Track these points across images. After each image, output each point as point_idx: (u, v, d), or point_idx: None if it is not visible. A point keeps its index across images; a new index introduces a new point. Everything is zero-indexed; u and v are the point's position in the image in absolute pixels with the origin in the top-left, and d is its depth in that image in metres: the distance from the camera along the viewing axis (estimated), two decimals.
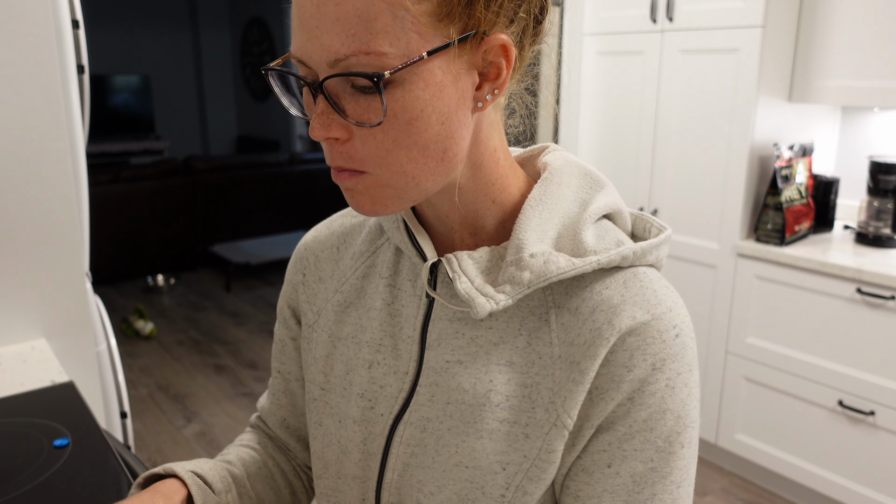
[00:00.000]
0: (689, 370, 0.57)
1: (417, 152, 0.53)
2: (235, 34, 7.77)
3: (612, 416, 0.56)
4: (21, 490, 0.90)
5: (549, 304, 0.60)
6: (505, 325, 0.61)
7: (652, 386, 0.56)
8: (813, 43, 2.33)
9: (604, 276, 0.59)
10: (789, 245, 2.32)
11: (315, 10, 0.50)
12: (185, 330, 4.09)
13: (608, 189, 0.64)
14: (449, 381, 0.62)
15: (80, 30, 1.48)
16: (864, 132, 2.57)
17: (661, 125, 2.57)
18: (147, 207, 4.80)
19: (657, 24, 2.50)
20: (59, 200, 1.38)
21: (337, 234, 0.76)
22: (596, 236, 0.60)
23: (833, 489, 2.24)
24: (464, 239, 0.64)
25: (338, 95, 0.52)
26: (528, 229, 0.59)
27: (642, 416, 0.56)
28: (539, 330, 0.60)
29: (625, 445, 0.56)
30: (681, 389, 0.57)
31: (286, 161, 5.44)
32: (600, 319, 0.57)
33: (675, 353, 0.56)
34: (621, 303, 0.57)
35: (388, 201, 0.56)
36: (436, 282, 0.63)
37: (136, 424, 3.01)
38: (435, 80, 0.52)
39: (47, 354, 1.36)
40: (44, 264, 1.40)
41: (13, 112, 1.31)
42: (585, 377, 0.56)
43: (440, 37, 0.51)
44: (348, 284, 0.72)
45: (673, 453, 0.57)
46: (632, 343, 0.56)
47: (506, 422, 0.59)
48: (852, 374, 2.14)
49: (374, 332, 0.68)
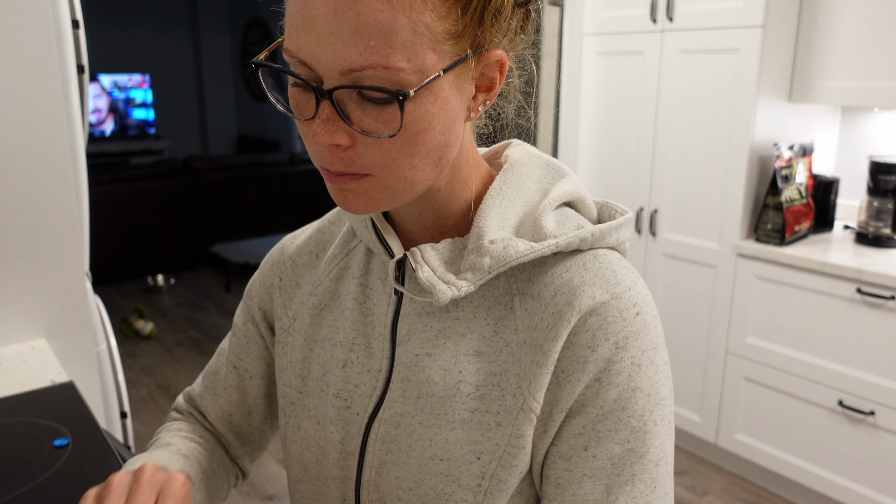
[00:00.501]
0: (653, 347, 0.58)
1: (419, 159, 0.55)
2: (235, 34, 7.77)
3: (581, 398, 0.57)
4: (21, 490, 0.90)
5: (514, 291, 0.61)
6: (471, 316, 0.62)
7: (617, 364, 0.56)
8: (813, 43, 2.33)
9: (564, 259, 0.60)
10: (789, 245, 2.32)
11: (331, 15, 0.49)
12: (185, 330, 4.09)
13: (569, 178, 0.66)
14: (419, 375, 0.62)
15: (80, 30, 1.48)
16: (864, 132, 2.58)
17: (661, 125, 2.57)
18: (147, 207, 4.80)
19: (657, 24, 2.50)
20: (59, 200, 1.38)
21: (315, 241, 0.76)
22: (556, 222, 0.61)
23: (833, 489, 2.24)
24: (433, 236, 0.65)
25: (343, 102, 0.52)
26: (488, 218, 0.60)
27: (612, 396, 0.56)
28: (504, 318, 0.60)
29: (598, 427, 0.57)
30: (647, 367, 0.57)
31: (286, 161, 5.44)
32: (561, 301, 0.58)
33: (637, 330, 0.57)
34: (581, 284, 0.58)
35: (382, 201, 0.57)
36: (404, 278, 0.64)
37: (136, 424, 3.01)
38: (443, 94, 0.53)
39: (47, 354, 1.36)
40: (44, 264, 1.40)
41: (13, 112, 1.31)
42: (548, 359, 0.57)
43: (451, 54, 0.52)
44: (322, 287, 0.72)
45: (648, 432, 0.57)
46: (593, 323, 0.56)
47: (477, 411, 0.60)
48: (852, 374, 2.14)
49: (346, 332, 0.68)
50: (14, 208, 1.34)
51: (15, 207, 1.35)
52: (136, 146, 7.17)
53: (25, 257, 1.37)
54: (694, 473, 2.60)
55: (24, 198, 1.35)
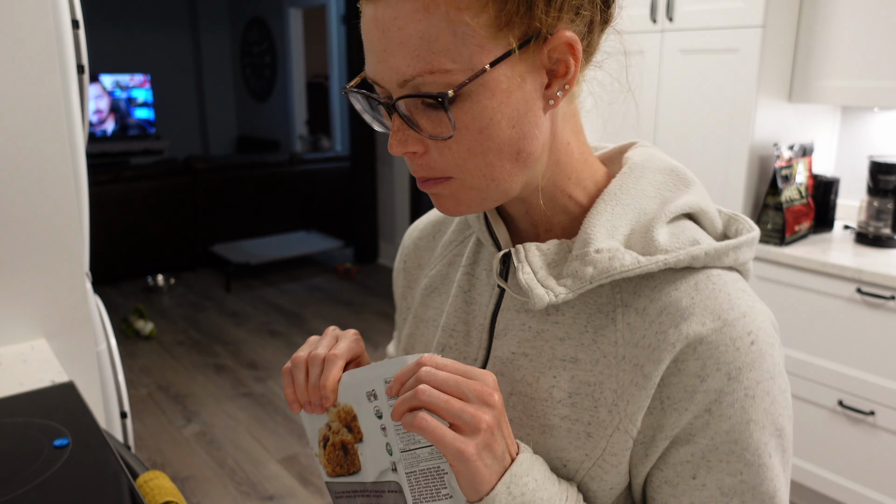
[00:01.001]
0: (769, 378, 0.55)
1: (493, 156, 0.55)
2: (235, 34, 7.77)
3: (689, 427, 0.55)
4: (21, 490, 0.90)
5: (617, 302, 0.59)
6: (571, 321, 0.60)
7: (730, 396, 0.54)
8: (813, 43, 2.33)
9: (675, 276, 0.57)
10: (789, 245, 2.32)
11: (381, 35, 0.52)
12: (185, 330, 4.09)
13: (694, 188, 0.63)
14: (514, 373, 0.62)
15: (80, 30, 1.48)
16: (864, 132, 2.58)
17: (661, 125, 2.57)
18: (147, 207, 4.81)
19: (657, 24, 2.50)
20: (59, 200, 1.38)
21: (433, 223, 0.81)
22: (670, 234, 0.58)
23: (833, 489, 2.24)
24: (542, 235, 0.65)
25: (411, 112, 0.55)
26: (597, 224, 0.58)
27: (724, 428, 0.54)
28: (605, 328, 0.58)
29: (709, 457, 0.55)
30: (762, 398, 0.54)
31: (286, 161, 5.44)
32: (667, 322, 0.55)
33: (751, 361, 0.54)
34: (690, 306, 0.55)
35: (471, 202, 0.58)
36: (508, 273, 0.64)
37: (136, 424, 3.01)
38: (501, 88, 0.53)
39: (47, 354, 1.36)
40: (44, 264, 1.40)
41: (13, 112, 1.31)
42: (649, 382, 0.55)
43: (501, 46, 0.52)
44: (435, 270, 0.76)
45: (763, 465, 0.55)
46: (703, 352, 0.54)
47: (567, 419, 0.59)
48: (852, 374, 2.14)
49: (449, 318, 0.70)
50: (14, 208, 1.35)
51: (15, 207, 1.35)
52: (137, 146, 7.17)
53: (25, 257, 1.37)
54: None
55: (24, 198, 1.35)
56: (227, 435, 2.94)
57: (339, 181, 5.70)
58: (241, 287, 4.86)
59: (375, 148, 5.23)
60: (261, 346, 3.86)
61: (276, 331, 4.08)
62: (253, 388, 3.37)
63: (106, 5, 7.05)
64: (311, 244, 5.24)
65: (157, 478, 1.00)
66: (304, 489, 2.56)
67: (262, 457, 2.77)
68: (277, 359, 3.70)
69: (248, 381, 3.44)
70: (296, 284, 4.94)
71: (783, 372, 0.57)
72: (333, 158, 5.74)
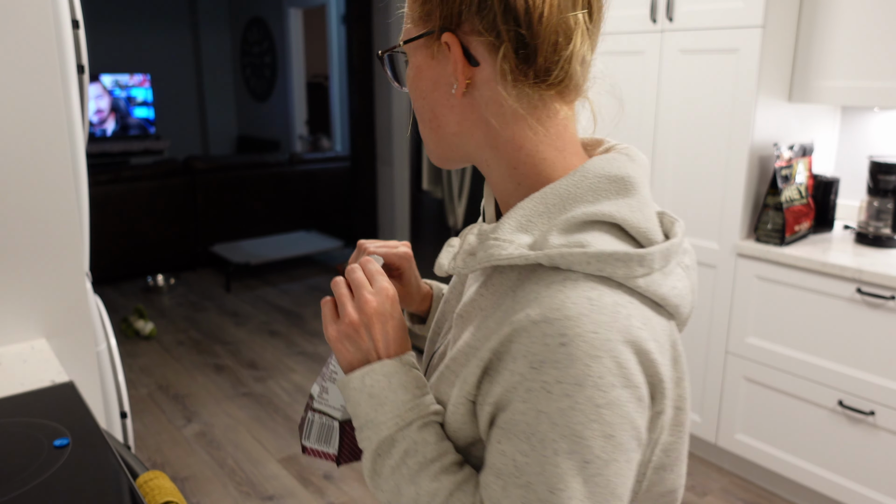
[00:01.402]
0: (575, 384, 0.55)
1: (419, 114, 0.70)
2: (235, 34, 7.77)
3: (502, 398, 0.60)
4: (21, 490, 0.90)
5: (515, 286, 0.64)
6: (490, 295, 0.68)
7: (529, 383, 0.57)
8: (813, 43, 2.33)
9: (548, 274, 0.61)
10: (789, 245, 2.32)
11: None
12: (185, 330, 4.09)
13: (628, 199, 0.63)
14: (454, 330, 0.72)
15: (80, 30, 1.48)
16: (864, 132, 2.58)
17: (661, 125, 2.57)
18: (147, 207, 4.80)
19: (657, 24, 2.50)
20: (59, 200, 1.38)
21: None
22: (566, 237, 0.61)
23: (833, 489, 2.24)
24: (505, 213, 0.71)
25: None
26: (512, 216, 0.64)
27: (521, 409, 0.58)
28: (500, 306, 0.64)
29: (509, 429, 0.59)
30: (560, 399, 0.56)
31: (286, 161, 5.44)
32: (515, 308, 0.61)
33: (556, 359, 0.56)
34: (535, 299, 0.59)
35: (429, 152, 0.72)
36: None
37: (136, 424, 3.01)
38: (415, 63, 0.69)
39: (47, 354, 1.36)
40: (44, 264, 1.40)
41: (13, 112, 1.31)
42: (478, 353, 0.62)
43: (421, 31, 0.67)
44: None
45: (546, 460, 0.56)
46: (519, 338, 0.59)
47: (448, 368, 0.68)
48: (852, 374, 2.14)
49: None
50: (14, 208, 1.35)
51: (15, 207, 1.35)
52: (137, 146, 7.17)
53: (25, 257, 1.37)
54: (694, 473, 2.60)
55: (25, 198, 1.35)
56: (227, 435, 2.94)
57: (338, 181, 5.70)
58: (241, 287, 4.86)
59: (375, 148, 5.23)
60: (261, 346, 3.86)
61: (276, 331, 4.08)
62: (253, 388, 3.37)
63: (106, 5, 7.05)
64: (311, 244, 5.24)
65: (157, 478, 1.00)
66: (304, 489, 2.56)
67: (262, 457, 2.77)
68: (277, 359, 3.70)
69: (248, 381, 3.44)
70: (296, 284, 4.94)
71: (606, 391, 0.56)
72: (333, 158, 5.74)
